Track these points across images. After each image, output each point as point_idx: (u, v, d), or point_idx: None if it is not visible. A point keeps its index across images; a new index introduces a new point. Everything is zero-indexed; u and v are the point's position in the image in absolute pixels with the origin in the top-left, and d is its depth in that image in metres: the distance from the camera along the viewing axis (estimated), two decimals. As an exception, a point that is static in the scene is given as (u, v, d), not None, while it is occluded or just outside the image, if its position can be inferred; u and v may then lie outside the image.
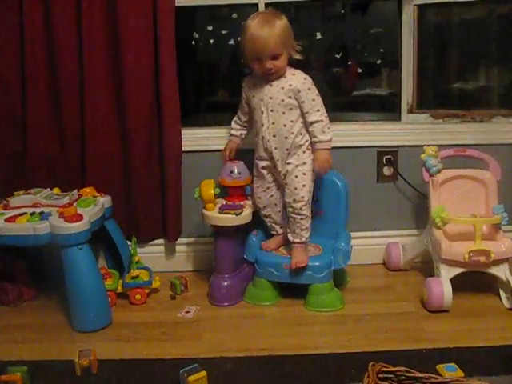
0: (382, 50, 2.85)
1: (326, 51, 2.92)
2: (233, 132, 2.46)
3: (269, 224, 2.45)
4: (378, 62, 2.85)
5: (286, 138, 2.26)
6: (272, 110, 2.25)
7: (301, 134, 2.27)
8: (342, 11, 2.87)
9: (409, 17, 2.64)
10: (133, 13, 2.42)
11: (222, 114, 2.72)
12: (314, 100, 2.25)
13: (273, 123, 2.26)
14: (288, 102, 2.24)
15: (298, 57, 2.26)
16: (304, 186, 2.28)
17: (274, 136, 2.26)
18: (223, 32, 2.79)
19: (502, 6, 2.72)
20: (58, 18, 2.44)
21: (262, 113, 2.27)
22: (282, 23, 2.18)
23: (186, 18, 2.72)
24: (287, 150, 2.27)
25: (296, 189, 2.28)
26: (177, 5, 2.47)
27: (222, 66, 2.92)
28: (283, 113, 2.25)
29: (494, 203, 2.39)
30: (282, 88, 2.24)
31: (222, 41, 2.80)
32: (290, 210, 2.31)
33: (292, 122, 2.25)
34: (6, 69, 2.50)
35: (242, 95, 2.38)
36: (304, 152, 2.29)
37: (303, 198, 2.28)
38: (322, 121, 2.25)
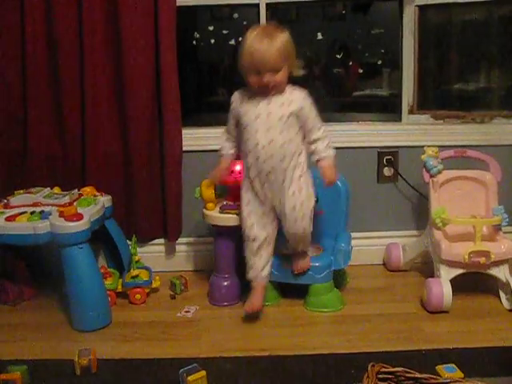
0: (382, 51, 2.86)
1: (327, 51, 2.92)
2: (224, 152, 2.26)
3: (253, 261, 2.22)
4: (379, 62, 2.85)
5: (284, 157, 2.10)
6: (269, 128, 2.09)
7: (299, 154, 2.14)
8: (343, 11, 2.87)
9: (410, 17, 2.66)
10: (134, 12, 2.43)
11: (223, 114, 2.72)
12: (315, 117, 2.14)
13: (269, 142, 2.09)
14: (287, 120, 2.09)
15: (299, 73, 2.20)
16: (304, 215, 2.16)
17: (271, 156, 2.10)
18: (224, 32, 2.79)
19: (503, 8, 2.72)
20: (59, 18, 2.44)
21: (257, 131, 2.10)
22: (283, 36, 2.05)
23: (187, 18, 2.73)
24: (284, 170, 2.12)
25: (296, 221, 2.16)
26: (178, 4, 2.47)
27: (223, 65, 2.92)
28: (281, 131, 2.09)
29: (494, 204, 2.40)
30: (282, 104, 2.09)
31: (222, 41, 2.80)
32: (292, 240, 2.22)
33: (290, 140, 2.10)
34: (7, 68, 2.51)
35: (230, 111, 2.21)
36: (301, 176, 2.15)
37: (305, 229, 2.18)
38: (326, 137, 2.15)
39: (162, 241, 2.72)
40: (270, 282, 2.33)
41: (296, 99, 2.11)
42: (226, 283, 2.36)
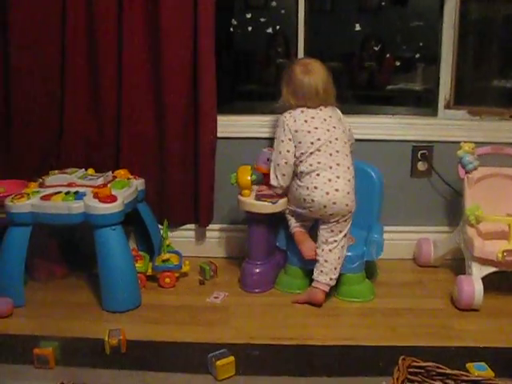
0: (420, 44, 2.82)
1: (364, 43, 2.90)
2: None
3: None
4: (417, 55, 2.82)
5: None
6: None
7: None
8: (382, 3, 2.85)
9: (451, 10, 2.60)
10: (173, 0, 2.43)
11: (258, 102, 2.73)
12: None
13: None
14: None
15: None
16: None
17: None
18: (261, 20, 2.78)
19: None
20: (99, 7, 2.46)
21: None
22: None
23: (225, 5, 2.72)
24: None
25: None
26: (216, -8, 2.47)
27: (260, 54, 2.91)
28: None
29: (530, 203, 2.36)
30: None
31: (260, 29, 2.79)
32: None
33: None
34: (46, 51, 2.53)
35: None
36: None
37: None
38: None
39: (192, 226, 2.73)
40: (301, 270, 2.34)
41: None
42: (258, 270, 2.36)
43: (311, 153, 2.20)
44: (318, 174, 2.19)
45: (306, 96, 2.24)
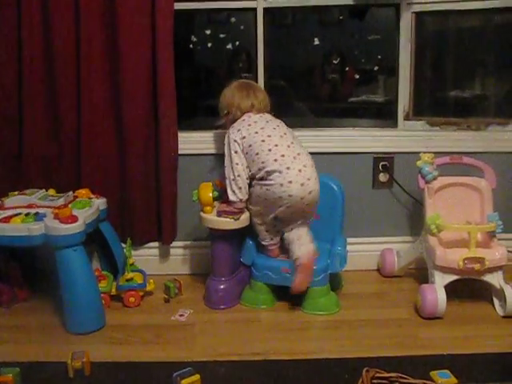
0: (379, 57, 2.86)
1: (324, 57, 2.93)
2: None
3: None
4: (375, 68, 2.86)
5: None
6: None
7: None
8: (340, 17, 2.88)
9: (406, 24, 2.66)
10: (132, 15, 2.43)
11: (219, 118, 2.72)
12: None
13: None
14: None
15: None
16: None
17: None
18: (221, 36, 2.79)
19: (500, 15, 2.73)
20: (56, 18, 2.44)
21: None
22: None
23: (185, 21, 2.72)
24: None
25: None
26: (175, 8, 2.47)
27: (220, 69, 2.92)
28: None
29: (488, 211, 2.40)
30: None
31: (219, 45, 2.80)
32: None
33: None
34: (2, 69, 2.49)
35: None
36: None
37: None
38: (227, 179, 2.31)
39: (156, 244, 2.71)
40: (266, 285, 2.34)
41: None
42: (222, 286, 2.35)
43: (269, 149, 2.23)
44: (288, 168, 2.19)
45: (243, 111, 2.37)
